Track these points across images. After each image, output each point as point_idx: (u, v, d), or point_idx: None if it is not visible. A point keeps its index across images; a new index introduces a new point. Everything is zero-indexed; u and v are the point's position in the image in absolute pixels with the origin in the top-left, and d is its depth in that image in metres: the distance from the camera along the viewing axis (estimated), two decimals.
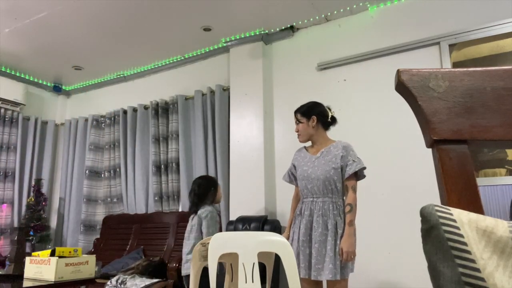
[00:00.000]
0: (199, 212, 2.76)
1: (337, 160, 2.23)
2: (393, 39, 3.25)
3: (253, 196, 3.48)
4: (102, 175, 4.72)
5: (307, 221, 2.21)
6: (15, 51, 4.25)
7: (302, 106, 2.42)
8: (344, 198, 2.26)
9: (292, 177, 2.46)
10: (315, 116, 2.35)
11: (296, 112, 2.42)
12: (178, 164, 4.10)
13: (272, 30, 3.82)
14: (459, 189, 0.47)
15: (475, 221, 0.40)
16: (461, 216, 0.40)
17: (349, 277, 2.16)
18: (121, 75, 4.86)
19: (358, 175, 2.26)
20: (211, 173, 3.83)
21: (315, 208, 2.21)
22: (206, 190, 2.86)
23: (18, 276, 2.81)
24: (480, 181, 2.77)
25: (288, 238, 2.31)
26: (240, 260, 1.44)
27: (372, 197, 3.09)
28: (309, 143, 2.43)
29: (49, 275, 2.49)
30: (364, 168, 2.24)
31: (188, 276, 2.69)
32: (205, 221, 2.73)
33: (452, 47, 3.04)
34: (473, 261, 0.38)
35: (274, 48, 3.90)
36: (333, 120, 2.40)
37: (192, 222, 2.80)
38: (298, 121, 2.39)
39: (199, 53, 4.30)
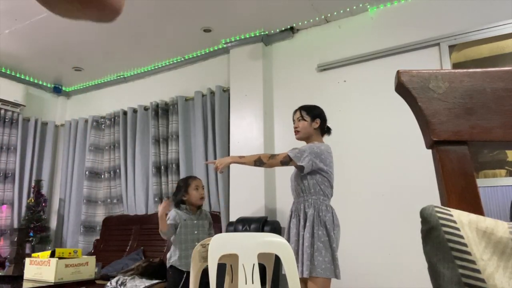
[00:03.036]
0: None
1: None
2: (393, 40, 3.25)
3: (253, 197, 3.47)
4: (102, 176, 4.71)
5: (287, 222, 2.33)
6: (15, 52, 4.26)
7: (306, 105, 2.43)
8: (315, 197, 2.22)
9: None
10: (319, 119, 2.36)
11: (301, 108, 2.40)
12: (178, 165, 4.10)
13: (272, 31, 3.83)
14: (459, 190, 0.47)
15: (475, 222, 0.40)
16: (461, 217, 0.40)
17: (330, 279, 2.10)
18: (121, 76, 4.86)
19: (298, 165, 2.22)
20: (211, 174, 3.83)
21: (292, 210, 2.31)
22: (174, 195, 2.93)
23: (18, 277, 2.81)
24: (480, 182, 2.77)
25: None
26: (240, 261, 1.44)
27: (372, 198, 3.08)
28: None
29: (49, 276, 2.49)
30: (298, 164, 2.20)
31: (170, 267, 2.70)
32: None
33: (452, 48, 3.04)
34: (473, 262, 0.37)
35: (274, 49, 3.90)
36: (328, 130, 2.45)
37: None
38: (301, 118, 2.36)
39: (199, 54, 4.30)
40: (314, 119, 2.35)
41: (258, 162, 2.27)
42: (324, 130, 2.42)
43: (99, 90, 5.14)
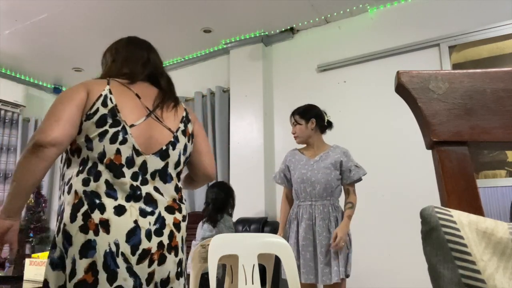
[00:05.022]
0: (222, 223, 2.71)
1: (337, 165, 2.26)
2: (393, 40, 3.25)
3: (253, 198, 3.47)
4: None
5: (307, 225, 2.20)
6: (16, 53, 4.26)
7: (299, 108, 2.41)
8: (337, 200, 2.32)
9: (284, 179, 2.41)
10: (314, 118, 2.34)
11: (293, 113, 2.39)
12: None
13: (272, 32, 3.83)
14: (459, 190, 0.47)
15: (475, 222, 0.40)
16: (461, 218, 0.40)
17: (347, 278, 2.21)
18: None
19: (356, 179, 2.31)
20: None
21: (316, 212, 2.21)
22: (225, 202, 2.79)
23: (17, 278, 2.80)
24: (480, 182, 2.77)
25: None
26: (240, 262, 1.44)
27: (372, 199, 3.08)
28: (301, 145, 2.43)
29: None
30: (365, 173, 2.30)
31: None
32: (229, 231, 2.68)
33: (452, 48, 3.04)
34: (473, 262, 0.37)
35: (274, 50, 3.90)
36: (329, 124, 2.41)
37: (213, 231, 2.70)
38: (296, 123, 2.36)
39: (199, 55, 4.30)
40: (308, 120, 2.33)
41: (353, 208, 2.26)
42: (324, 126, 2.40)
43: None
